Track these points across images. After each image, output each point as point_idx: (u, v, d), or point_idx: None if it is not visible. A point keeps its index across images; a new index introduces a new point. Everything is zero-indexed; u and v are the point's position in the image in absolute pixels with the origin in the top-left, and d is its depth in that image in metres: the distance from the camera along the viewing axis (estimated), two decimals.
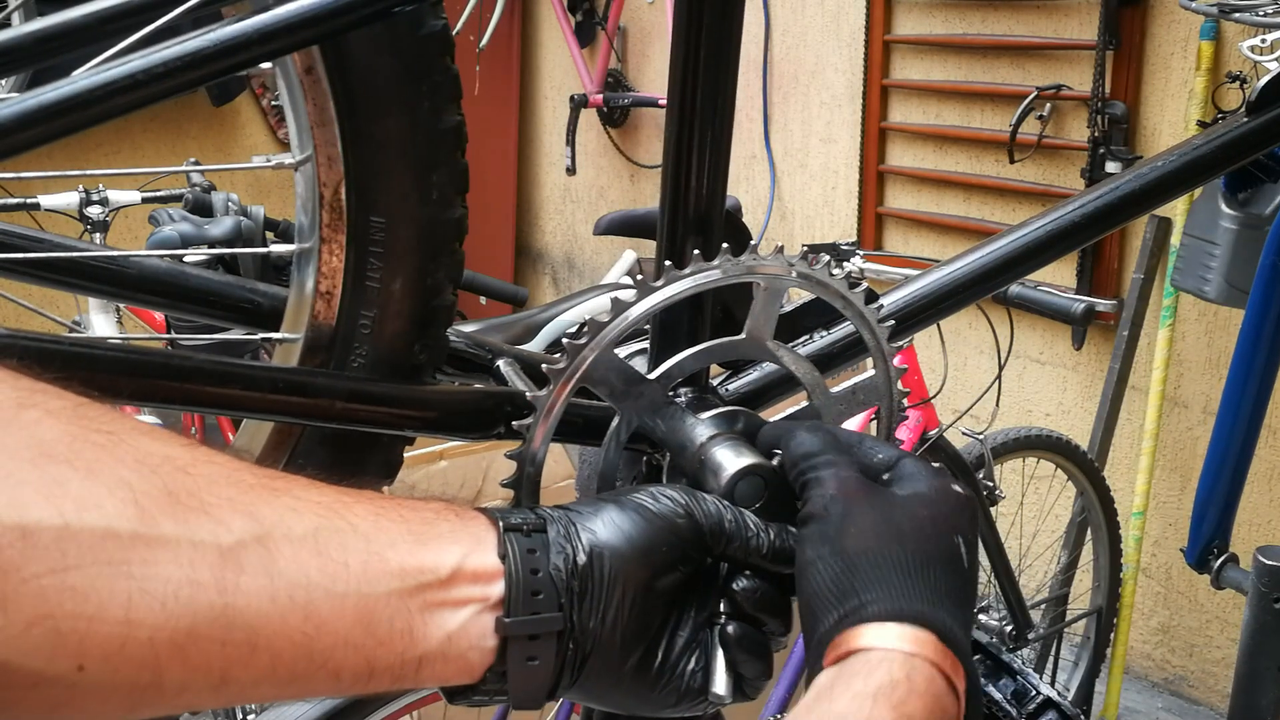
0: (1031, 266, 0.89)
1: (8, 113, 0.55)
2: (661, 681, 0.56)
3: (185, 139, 4.04)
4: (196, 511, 0.44)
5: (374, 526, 0.50)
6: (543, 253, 4.62)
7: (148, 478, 0.44)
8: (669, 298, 0.65)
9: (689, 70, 0.69)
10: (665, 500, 0.57)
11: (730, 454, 0.65)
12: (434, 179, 0.71)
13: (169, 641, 0.43)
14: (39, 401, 0.43)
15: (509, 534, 0.53)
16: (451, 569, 0.50)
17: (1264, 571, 1.44)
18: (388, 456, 0.77)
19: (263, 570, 0.45)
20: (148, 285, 0.76)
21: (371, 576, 0.48)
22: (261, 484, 0.48)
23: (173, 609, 0.43)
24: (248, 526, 0.46)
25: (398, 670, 0.49)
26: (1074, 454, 2.35)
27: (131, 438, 0.45)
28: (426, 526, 0.51)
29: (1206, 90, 2.35)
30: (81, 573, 0.41)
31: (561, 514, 0.56)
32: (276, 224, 2.06)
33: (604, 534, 0.54)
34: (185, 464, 0.46)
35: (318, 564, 0.47)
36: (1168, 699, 2.73)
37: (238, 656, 0.45)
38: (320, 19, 0.61)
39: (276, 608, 0.45)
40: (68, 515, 0.41)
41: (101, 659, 0.42)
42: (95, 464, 0.43)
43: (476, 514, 0.54)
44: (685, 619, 0.57)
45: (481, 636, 0.51)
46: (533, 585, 0.52)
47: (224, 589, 0.44)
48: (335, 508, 0.49)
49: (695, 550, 0.57)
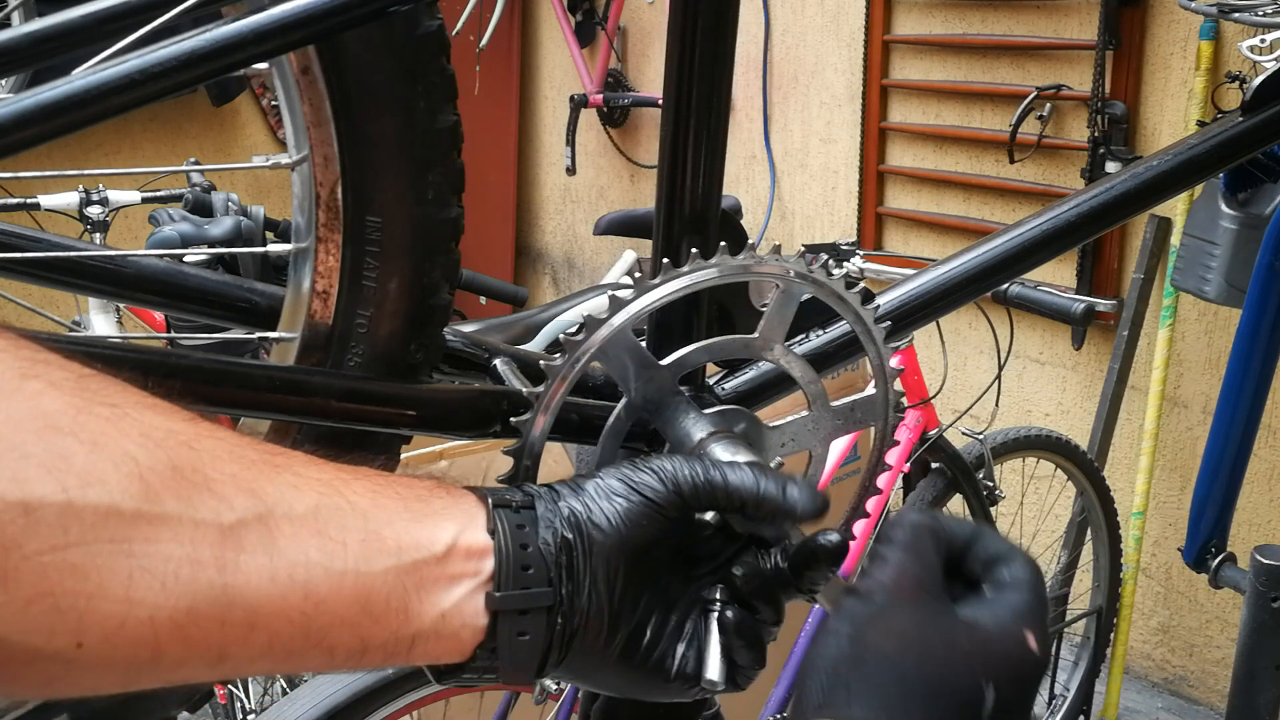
0: (1028, 265, 0.89)
1: (6, 112, 0.55)
2: (650, 662, 0.56)
3: (185, 139, 4.04)
4: (200, 488, 0.44)
5: (372, 504, 0.50)
6: (543, 253, 4.62)
7: (153, 452, 0.43)
8: (692, 284, 0.64)
9: (684, 69, 0.69)
10: (646, 470, 0.56)
11: (727, 454, 0.65)
12: (430, 179, 0.71)
13: (169, 620, 0.43)
14: (42, 373, 0.43)
15: (498, 510, 0.53)
16: (446, 545, 0.50)
17: (1262, 571, 1.44)
18: (385, 455, 0.78)
19: (263, 549, 0.45)
20: (146, 285, 0.76)
21: (369, 555, 0.48)
22: (264, 459, 0.48)
23: (173, 588, 0.43)
24: (249, 504, 0.45)
25: (391, 647, 0.49)
26: (1074, 454, 2.36)
27: (136, 411, 0.44)
28: (421, 504, 0.51)
29: (1206, 90, 2.35)
30: (83, 550, 0.41)
31: (548, 490, 0.56)
32: (276, 224, 2.06)
33: (590, 508, 0.54)
34: (189, 439, 0.45)
35: (317, 543, 0.47)
36: (1168, 699, 2.73)
37: (236, 635, 0.45)
38: (316, 19, 0.61)
39: (276, 587, 0.45)
40: (71, 491, 0.41)
41: (101, 637, 0.41)
42: (100, 437, 0.42)
43: (466, 492, 0.54)
44: (676, 601, 0.57)
45: (474, 614, 0.51)
46: (523, 560, 0.52)
47: (224, 568, 0.44)
48: (335, 484, 0.49)
49: (680, 518, 0.56)
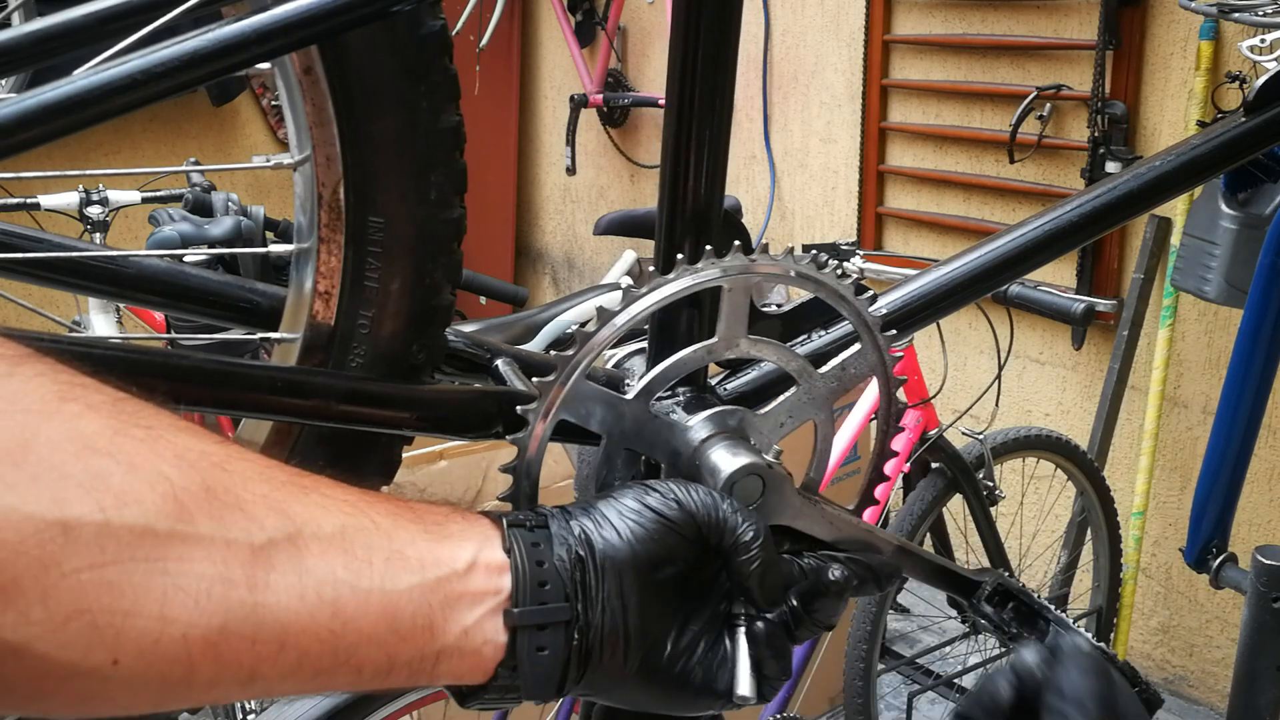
0: (1029, 266, 0.89)
1: (6, 112, 0.55)
2: (671, 677, 0.56)
3: (185, 139, 4.04)
4: (232, 508, 0.45)
5: (394, 524, 0.51)
6: (543, 253, 4.62)
7: (186, 473, 0.45)
8: (614, 332, 0.64)
9: (687, 69, 0.69)
10: (656, 493, 0.57)
11: (726, 455, 0.65)
12: (432, 179, 0.71)
13: (201, 639, 0.44)
14: (79, 395, 0.44)
15: (512, 530, 0.54)
16: (467, 563, 0.52)
17: (1263, 571, 1.44)
18: (386, 455, 0.78)
19: (292, 568, 0.46)
20: (146, 285, 0.76)
21: (394, 572, 0.49)
22: (292, 480, 0.49)
23: (206, 606, 0.44)
24: (280, 524, 0.47)
25: (416, 665, 0.50)
26: (1074, 454, 2.36)
27: (170, 433, 0.46)
28: (439, 526, 0.53)
29: (1206, 90, 2.35)
30: (119, 568, 0.42)
31: (560, 511, 0.57)
32: (276, 224, 2.06)
33: (601, 529, 0.56)
34: (221, 460, 0.47)
35: (344, 561, 0.48)
36: (1168, 699, 2.73)
37: (267, 653, 0.45)
38: (318, 19, 0.61)
39: (305, 605, 0.46)
40: (108, 511, 0.42)
41: (136, 654, 0.42)
42: (136, 458, 0.43)
43: (479, 516, 0.55)
44: (694, 616, 0.58)
45: (495, 632, 0.52)
46: (539, 576, 0.53)
47: (255, 586, 0.45)
48: (360, 505, 0.50)
49: (692, 539, 0.57)
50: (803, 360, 0.69)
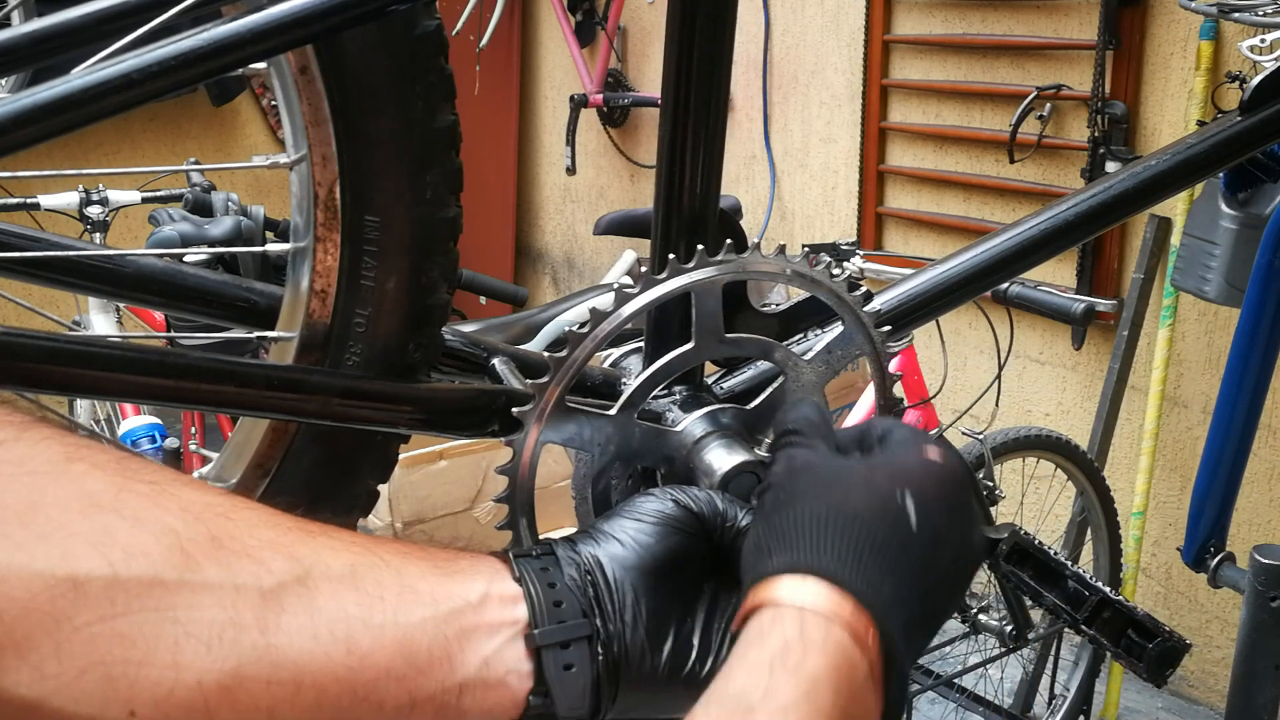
0: (1026, 265, 0.89)
1: (5, 111, 0.55)
2: (703, 676, 0.56)
3: (185, 139, 4.05)
4: (239, 555, 0.46)
5: (403, 561, 0.51)
6: (543, 253, 4.62)
7: (192, 524, 0.46)
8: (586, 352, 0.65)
9: (683, 70, 0.69)
10: (652, 498, 0.58)
11: (722, 453, 0.65)
12: (428, 178, 0.71)
13: (216, 684, 0.44)
14: (85, 455, 0.45)
15: (519, 560, 0.55)
16: (480, 595, 0.52)
17: (1261, 570, 1.44)
18: (383, 454, 0.78)
19: (304, 608, 0.47)
20: (145, 285, 0.76)
21: (406, 606, 0.49)
22: (298, 526, 0.50)
23: (218, 651, 0.44)
24: (288, 567, 0.47)
25: (439, 699, 0.50)
26: (1074, 454, 2.36)
27: (174, 487, 0.47)
28: (448, 562, 0.53)
29: (1206, 90, 2.35)
30: (129, 620, 0.42)
31: (563, 539, 0.58)
32: (276, 224, 2.06)
33: (605, 544, 0.56)
34: (226, 510, 0.48)
35: (355, 598, 0.48)
36: (1167, 699, 2.73)
37: (284, 695, 0.46)
38: (314, 19, 0.61)
39: (319, 644, 0.47)
40: (116, 565, 0.43)
41: (152, 704, 0.43)
42: (141, 512, 0.45)
43: (484, 554, 0.56)
44: (716, 613, 0.58)
45: (518, 660, 0.52)
46: (553, 597, 0.53)
47: (266, 629, 0.45)
48: (369, 545, 0.51)
49: (695, 534, 0.57)
50: (784, 349, 0.70)
